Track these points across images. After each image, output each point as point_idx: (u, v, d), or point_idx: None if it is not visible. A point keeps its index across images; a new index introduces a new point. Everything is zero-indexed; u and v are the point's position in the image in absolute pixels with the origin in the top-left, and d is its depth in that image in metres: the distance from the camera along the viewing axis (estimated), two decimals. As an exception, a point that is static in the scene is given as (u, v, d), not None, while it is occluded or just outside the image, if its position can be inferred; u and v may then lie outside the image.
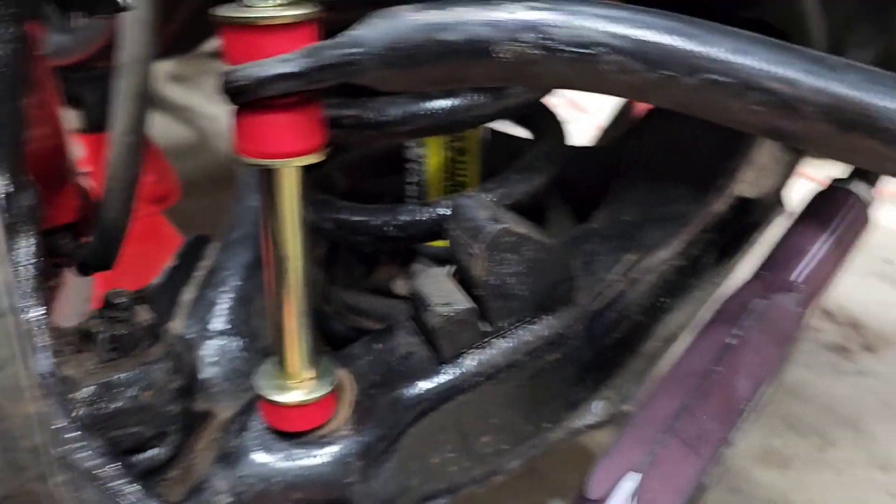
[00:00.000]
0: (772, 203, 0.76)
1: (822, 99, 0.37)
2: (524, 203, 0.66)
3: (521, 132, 0.79)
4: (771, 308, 0.54)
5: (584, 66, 0.40)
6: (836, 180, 0.62)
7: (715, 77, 0.39)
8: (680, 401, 0.50)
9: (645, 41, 0.39)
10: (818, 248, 0.58)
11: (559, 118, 0.74)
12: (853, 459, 1.33)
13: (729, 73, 0.38)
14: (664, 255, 0.65)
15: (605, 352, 0.63)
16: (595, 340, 0.62)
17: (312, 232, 0.75)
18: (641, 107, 0.93)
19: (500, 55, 0.41)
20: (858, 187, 0.62)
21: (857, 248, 0.61)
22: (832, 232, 0.59)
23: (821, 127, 0.38)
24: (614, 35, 0.39)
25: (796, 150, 0.79)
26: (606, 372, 0.64)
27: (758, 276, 0.57)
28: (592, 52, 0.40)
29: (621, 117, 1.15)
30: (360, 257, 0.81)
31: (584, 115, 2.28)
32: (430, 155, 0.72)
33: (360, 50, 0.43)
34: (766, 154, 0.74)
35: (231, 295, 0.70)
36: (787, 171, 0.79)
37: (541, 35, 0.40)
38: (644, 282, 0.64)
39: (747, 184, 0.73)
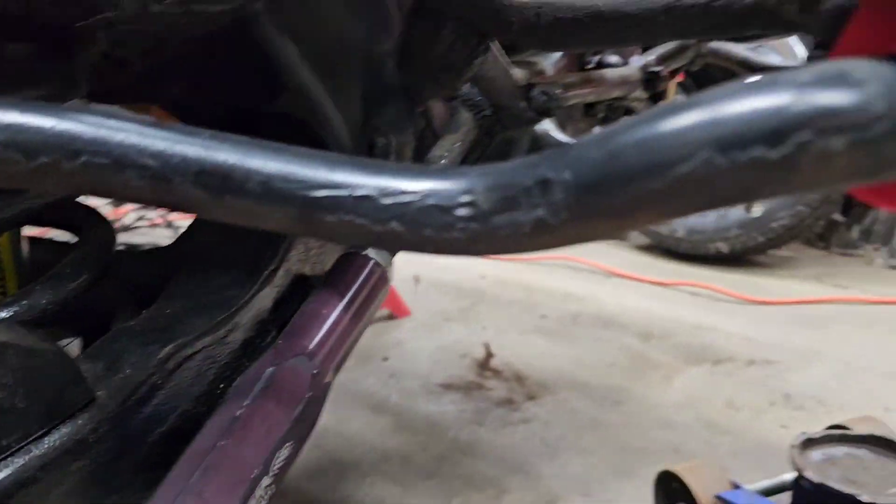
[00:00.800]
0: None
1: (190, 168, 0.40)
2: (55, 312, 0.64)
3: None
4: (281, 374, 0.57)
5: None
6: (354, 246, 0.68)
7: (93, 159, 0.40)
8: (183, 483, 0.50)
9: (16, 131, 0.40)
10: (334, 312, 0.62)
11: (105, 219, 0.73)
12: (524, 500, 1.42)
13: (104, 154, 0.40)
14: (208, 341, 0.65)
15: (153, 448, 0.61)
16: (136, 439, 0.60)
17: None
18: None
19: None
20: (374, 252, 0.67)
21: (377, 306, 0.66)
22: (349, 295, 0.63)
23: (197, 193, 0.40)
24: (-17, 128, 0.39)
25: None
26: (161, 469, 0.62)
27: (273, 346, 0.59)
28: (-36, 148, 0.40)
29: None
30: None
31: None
32: (-45, 277, 0.68)
33: None
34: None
35: None
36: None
37: None
38: (189, 370, 0.64)
39: (304, 262, 0.77)
